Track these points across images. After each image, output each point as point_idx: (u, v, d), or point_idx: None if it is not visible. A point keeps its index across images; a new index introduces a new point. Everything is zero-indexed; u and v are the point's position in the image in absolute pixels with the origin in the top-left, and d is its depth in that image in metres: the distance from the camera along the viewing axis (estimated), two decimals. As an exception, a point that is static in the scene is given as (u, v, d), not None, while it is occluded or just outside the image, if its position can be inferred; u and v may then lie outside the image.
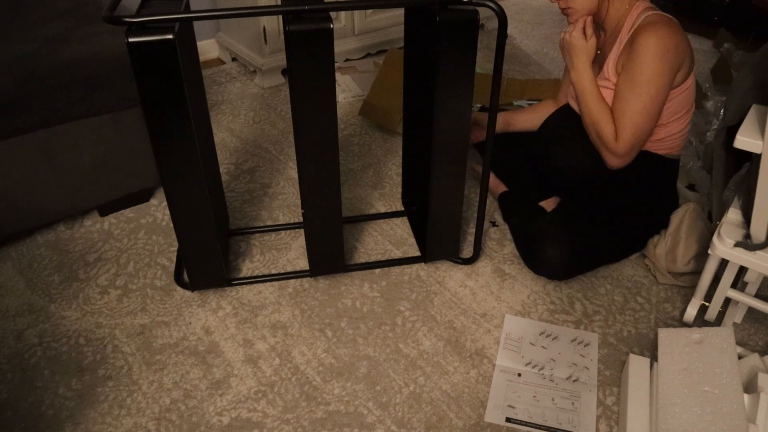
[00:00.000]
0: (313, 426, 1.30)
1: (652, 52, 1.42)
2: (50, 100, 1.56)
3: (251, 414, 1.32)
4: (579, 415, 1.33)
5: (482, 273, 1.68)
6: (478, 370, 1.42)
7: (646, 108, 1.46)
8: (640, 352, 1.47)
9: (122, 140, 1.73)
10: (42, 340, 1.48)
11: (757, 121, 1.17)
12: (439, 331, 1.51)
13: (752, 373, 1.25)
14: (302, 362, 1.43)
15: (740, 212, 1.35)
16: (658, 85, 1.45)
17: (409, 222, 1.85)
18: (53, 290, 1.61)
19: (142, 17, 1.14)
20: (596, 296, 1.62)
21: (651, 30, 1.43)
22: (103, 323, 1.52)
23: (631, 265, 1.71)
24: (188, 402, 1.35)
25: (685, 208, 1.64)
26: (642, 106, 1.46)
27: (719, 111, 2.23)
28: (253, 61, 2.53)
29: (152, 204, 1.91)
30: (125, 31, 1.14)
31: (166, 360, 1.44)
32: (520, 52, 2.97)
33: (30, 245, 1.74)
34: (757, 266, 1.27)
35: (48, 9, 1.85)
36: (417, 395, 1.37)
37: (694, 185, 1.98)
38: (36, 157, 1.61)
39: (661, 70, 1.43)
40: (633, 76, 1.45)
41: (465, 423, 1.32)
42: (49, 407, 1.33)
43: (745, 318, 1.53)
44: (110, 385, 1.38)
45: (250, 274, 1.65)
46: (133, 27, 1.14)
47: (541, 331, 1.52)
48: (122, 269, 1.67)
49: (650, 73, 1.43)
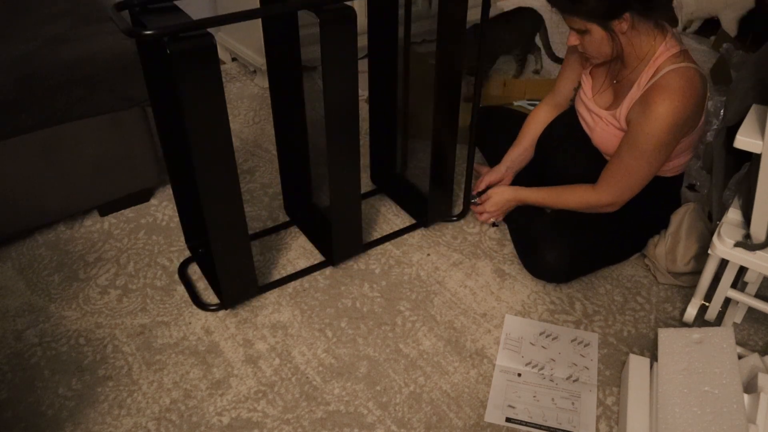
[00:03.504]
0: (313, 426, 1.30)
1: (661, 124, 1.37)
2: (50, 100, 1.56)
3: (251, 414, 1.32)
4: (579, 415, 1.33)
5: (482, 273, 1.68)
6: (478, 370, 1.42)
7: (642, 173, 1.47)
8: (640, 352, 1.47)
9: (122, 140, 1.73)
10: (42, 340, 1.48)
11: (757, 121, 1.17)
12: (439, 331, 1.51)
13: (752, 373, 1.25)
14: (302, 362, 1.43)
15: (740, 212, 1.35)
16: (660, 155, 1.43)
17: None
18: (53, 290, 1.61)
19: (169, 29, 1.13)
20: (596, 296, 1.62)
21: (665, 100, 1.35)
22: (103, 323, 1.52)
23: (631, 265, 1.71)
24: (188, 402, 1.35)
25: (685, 208, 1.64)
26: (638, 171, 1.46)
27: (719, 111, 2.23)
28: (253, 61, 2.53)
29: (152, 204, 1.91)
30: (165, 43, 1.11)
31: (166, 360, 1.44)
32: (520, 52, 2.96)
33: (30, 245, 1.74)
34: (757, 266, 1.26)
35: (48, 9, 1.85)
36: (417, 395, 1.37)
37: (694, 185, 1.98)
38: (36, 157, 1.61)
39: (667, 142, 1.41)
40: (637, 143, 1.42)
41: (465, 423, 1.32)
42: (49, 407, 1.33)
43: (745, 318, 1.53)
44: (110, 385, 1.38)
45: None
46: (166, 38, 1.12)
47: (541, 331, 1.52)
48: (122, 269, 1.67)
49: (655, 143, 1.40)
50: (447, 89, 1.55)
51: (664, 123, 1.37)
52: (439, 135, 1.62)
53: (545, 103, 1.80)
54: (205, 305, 1.56)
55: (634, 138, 1.43)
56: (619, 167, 1.48)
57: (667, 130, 1.38)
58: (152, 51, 1.35)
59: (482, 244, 1.77)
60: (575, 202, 1.59)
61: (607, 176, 1.52)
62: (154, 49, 1.35)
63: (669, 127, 1.38)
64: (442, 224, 1.84)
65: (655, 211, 1.66)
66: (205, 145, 1.25)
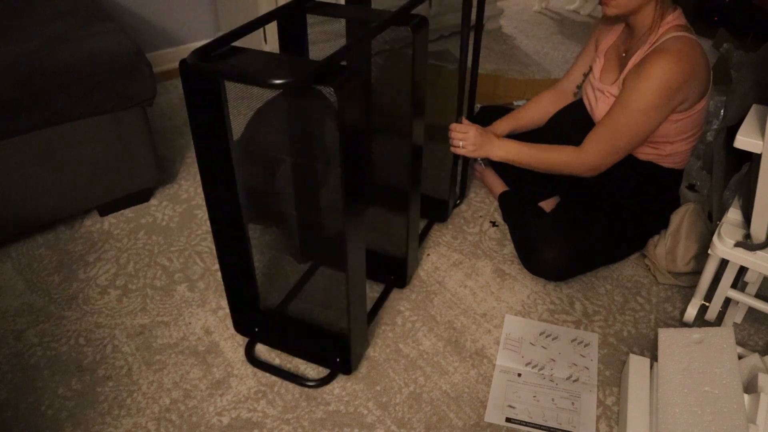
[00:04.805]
0: (313, 426, 1.30)
1: (654, 84, 1.37)
2: (50, 100, 1.56)
3: (251, 414, 1.32)
4: (579, 415, 1.33)
5: (482, 273, 1.68)
6: (478, 370, 1.42)
7: (630, 134, 1.45)
8: (640, 352, 1.47)
9: (122, 140, 1.73)
10: (42, 340, 1.48)
11: (757, 121, 1.17)
12: (439, 331, 1.51)
13: (752, 373, 1.25)
14: (302, 362, 1.43)
15: (740, 212, 1.35)
16: (651, 118, 1.42)
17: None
18: (53, 290, 1.61)
19: (318, 67, 1.02)
20: (596, 296, 1.62)
21: (662, 60, 1.36)
22: (103, 323, 1.52)
23: (631, 265, 1.71)
24: (188, 402, 1.35)
25: (685, 208, 1.64)
26: (627, 131, 1.45)
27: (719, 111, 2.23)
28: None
29: (152, 204, 1.91)
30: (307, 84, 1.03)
31: (166, 360, 1.44)
32: (520, 52, 2.97)
33: (30, 245, 1.74)
34: (757, 266, 1.26)
35: (48, 9, 1.85)
36: (417, 395, 1.37)
37: (694, 185, 1.98)
38: (36, 157, 1.61)
39: (659, 105, 1.40)
40: (629, 102, 1.42)
41: (465, 423, 1.31)
42: (49, 407, 1.33)
43: (745, 318, 1.53)
44: (110, 385, 1.38)
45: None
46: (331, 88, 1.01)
47: (541, 331, 1.52)
48: (122, 269, 1.67)
49: (646, 104, 1.40)
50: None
51: (656, 82, 1.37)
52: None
53: (548, 92, 1.82)
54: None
55: (627, 96, 1.42)
56: (607, 126, 1.47)
57: (661, 91, 1.37)
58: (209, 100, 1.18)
59: (482, 244, 1.77)
60: (558, 160, 1.55)
61: (593, 136, 1.50)
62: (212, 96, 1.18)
63: (661, 87, 1.37)
64: (442, 224, 1.84)
65: (655, 210, 1.67)
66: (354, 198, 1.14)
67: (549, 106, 1.79)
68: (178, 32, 2.63)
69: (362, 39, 1.15)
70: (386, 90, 1.87)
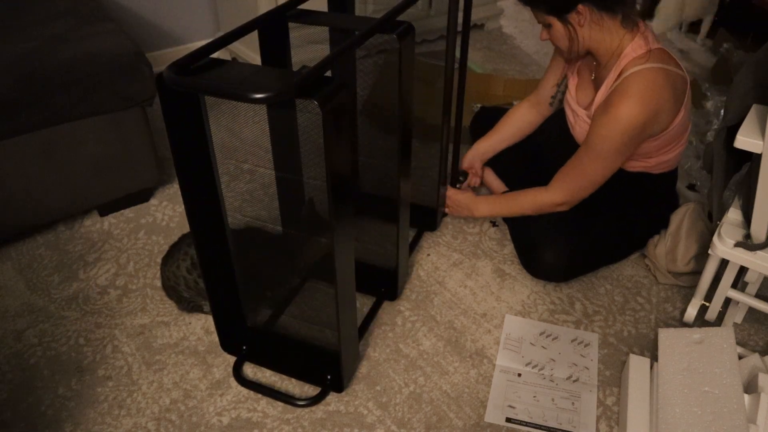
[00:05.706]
0: (313, 426, 1.30)
1: (618, 128, 1.36)
2: (50, 100, 1.56)
3: (251, 414, 1.32)
4: (579, 415, 1.33)
5: (482, 273, 1.68)
6: (478, 370, 1.42)
7: (596, 175, 1.47)
8: (641, 352, 1.47)
9: (122, 140, 1.73)
10: (42, 340, 1.48)
11: (757, 121, 1.17)
12: (439, 331, 1.51)
13: (752, 373, 1.25)
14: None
15: (740, 212, 1.35)
16: (616, 158, 1.43)
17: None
18: (53, 290, 1.61)
19: (301, 78, 0.98)
20: (596, 296, 1.62)
21: (623, 104, 1.34)
22: (103, 323, 1.52)
23: (631, 265, 1.71)
24: (188, 402, 1.35)
25: (685, 208, 1.64)
26: (593, 171, 1.46)
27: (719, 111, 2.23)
28: (253, 62, 2.53)
29: (152, 204, 1.91)
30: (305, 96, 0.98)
31: (166, 360, 1.44)
32: (520, 52, 2.96)
33: (30, 245, 1.74)
34: (757, 266, 1.26)
35: (48, 9, 1.85)
36: (417, 395, 1.37)
37: (694, 185, 1.98)
38: (36, 157, 1.61)
39: (624, 145, 1.40)
40: (593, 144, 1.42)
41: (465, 423, 1.31)
42: (49, 407, 1.33)
43: (745, 318, 1.53)
44: (110, 385, 1.38)
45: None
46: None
47: (541, 331, 1.51)
48: (122, 269, 1.67)
49: (610, 147, 1.40)
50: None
51: (619, 127, 1.36)
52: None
53: (526, 101, 1.82)
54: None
55: (591, 139, 1.43)
56: (574, 167, 1.49)
57: (623, 134, 1.37)
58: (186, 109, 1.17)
59: (482, 244, 1.77)
60: (528, 203, 1.59)
61: (561, 176, 1.52)
62: (190, 106, 1.17)
63: (624, 131, 1.37)
64: (441, 224, 1.84)
65: (654, 210, 1.66)
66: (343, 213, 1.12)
67: (528, 116, 1.80)
68: (178, 32, 2.63)
69: (346, 49, 1.12)
70: (374, 97, 1.87)
